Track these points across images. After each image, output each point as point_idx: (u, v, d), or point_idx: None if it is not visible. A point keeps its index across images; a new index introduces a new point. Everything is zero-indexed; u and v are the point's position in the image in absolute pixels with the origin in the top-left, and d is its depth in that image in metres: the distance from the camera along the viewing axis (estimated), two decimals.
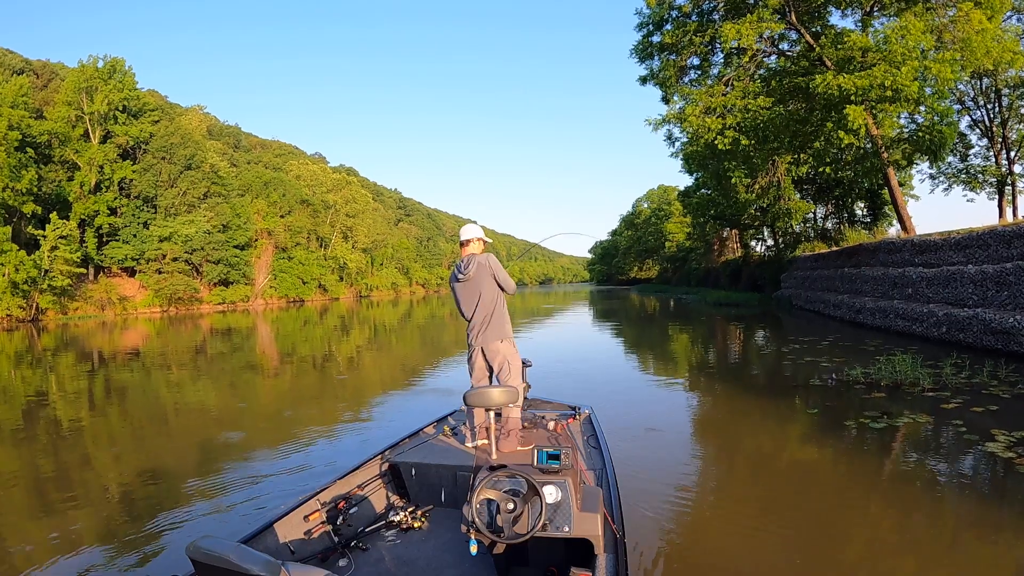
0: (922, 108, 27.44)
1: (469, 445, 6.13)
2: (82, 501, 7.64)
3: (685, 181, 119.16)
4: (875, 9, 28.97)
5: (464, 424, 6.63)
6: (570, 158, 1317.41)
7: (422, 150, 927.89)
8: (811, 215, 53.51)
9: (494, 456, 5.39)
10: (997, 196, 44.24)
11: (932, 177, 47.37)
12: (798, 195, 49.33)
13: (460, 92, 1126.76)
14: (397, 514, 5.38)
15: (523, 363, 6.91)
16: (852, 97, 24.52)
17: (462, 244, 6.75)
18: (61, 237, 65.22)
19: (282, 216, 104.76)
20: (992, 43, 25.47)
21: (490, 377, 6.63)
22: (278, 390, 17.02)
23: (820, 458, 8.06)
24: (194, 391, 16.96)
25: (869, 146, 28.68)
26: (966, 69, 25.14)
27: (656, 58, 34.22)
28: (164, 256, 78.69)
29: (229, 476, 8.35)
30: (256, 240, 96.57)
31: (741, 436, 9.57)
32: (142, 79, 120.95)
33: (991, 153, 44.38)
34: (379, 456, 6.03)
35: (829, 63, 27.32)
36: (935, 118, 26.26)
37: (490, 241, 6.95)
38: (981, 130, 44.04)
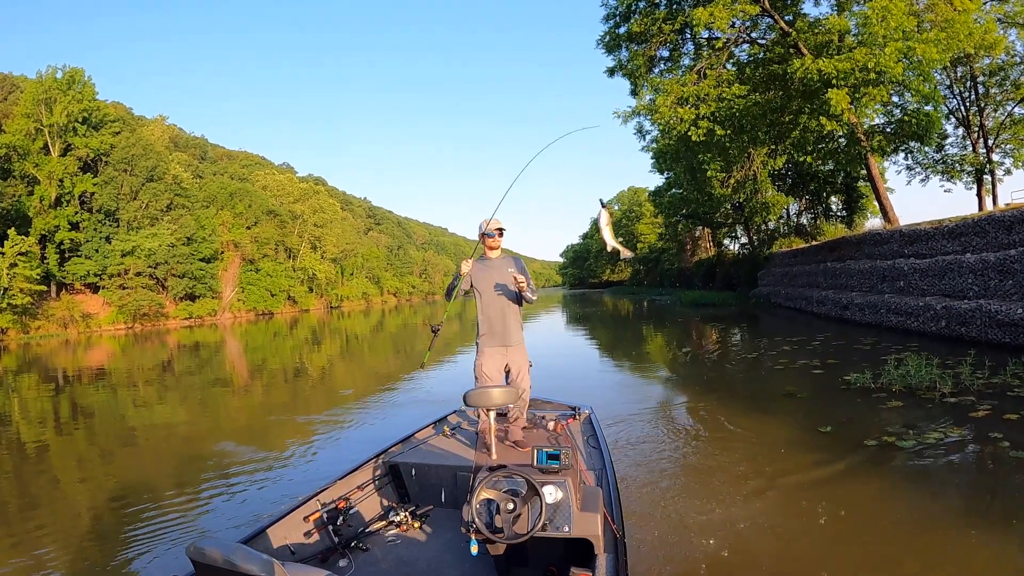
0: (903, 97, 26.72)
1: (468, 445, 6.22)
2: (78, 508, 7.85)
3: (655, 182, 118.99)
4: None
5: (463, 424, 6.90)
6: (549, 160, 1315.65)
7: (392, 159, 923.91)
8: (785, 211, 52.86)
9: (494, 456, 5.30)
10: (976, 185, 43.48)
11: (909, 168, 46.56)
12: (774, 189, 48.69)
13: (431, 99, 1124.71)
14: (397, 514, 5.40)
15: None
16: (833, 81, 23.42)
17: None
18: (20, 254, 62.97)
19: (248, 227, 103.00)
20: (974, 25, 24.66)
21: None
22: (261, 401, 16.73)
23: (841, 487, 6.75)
24: (171, 407, 16.43)
25: (848, 134, 27.67)
26: (949, 50, 24.10)
27: (624, 49, 33.14)
28: (127, 271, 76.27)
29: (226, 481, 8.49)
30: (222, 252, 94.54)
31: (744, 449, 8.31)
32: (110, 92, 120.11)
33: (968, 142, 43.71)
34: (379, 457, 6.01)
35: (805, 49, 26.30)
36: (920, 101, 25.33)
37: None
38: (957, 119, 43.31)
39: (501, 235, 6.40)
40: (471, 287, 6.53)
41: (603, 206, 6.01)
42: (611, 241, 6.11)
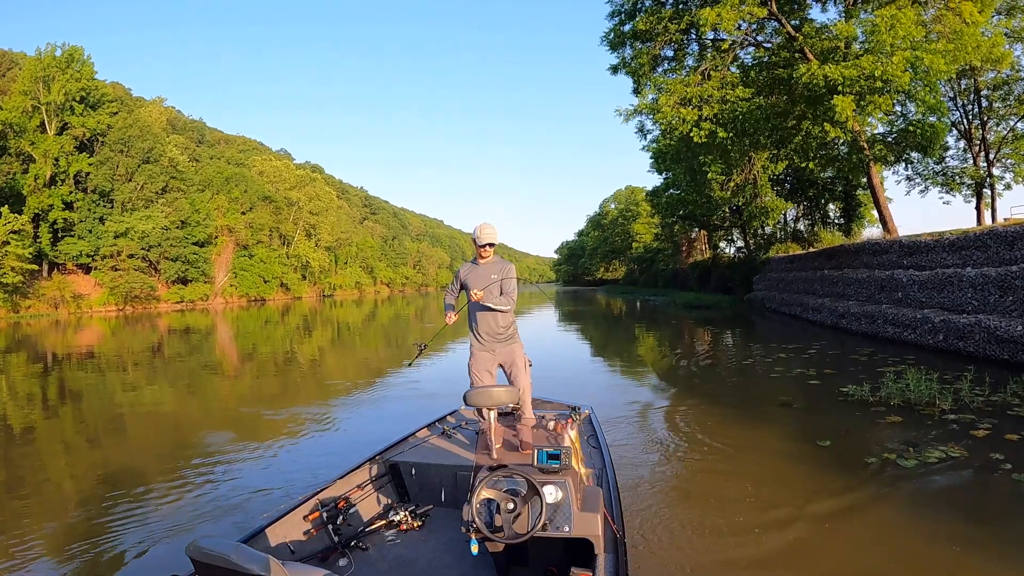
0: (904, 107, 26.60)
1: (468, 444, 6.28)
2: (70, 503, 7.65)
3: (653, 181, 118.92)
4: (859, 0, 27.86)
5: (463, 424, 6.94)
6: (547, 158, 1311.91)
7: (390, 149, 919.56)
8: (782, 216, 52.82)
9: (494, 456, 5.21)
10: (975, 199, 43.44)
11: (908, 179, 46.57)
12: (773, 194, 48.61)
13: (430, 90, 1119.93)
14: (397, 514, 5.41)
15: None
16: (839, 87, 23.23)
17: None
18: (13, 232, 62.78)
19: (243, 213, 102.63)
20: (982, 38, 24.53)
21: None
22: (254, 391, 16.52)
23: (842, 505, 6.51)
24: (162, 394, 16.24)
25: (850, 141, 27.48)
26: (957, 61, 23.97)
27: (628, 46, 32.91)
28: (120, 253, 76.06)
29: (226, 478, 8.29)
30: (216, 237, 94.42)
31: (739, 459, 8.13)
32: (110, 72, 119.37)
33: (968, 155, 43.68)
34: (378, 456, 6.01)
35: (811, 55, 26.12)
36: (925, 112, 25.16)
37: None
38: (959, 132, 43.28)
39: (491, 247, 6.30)
40: (463, 288, 6.51)
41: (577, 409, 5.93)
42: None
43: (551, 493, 4.02)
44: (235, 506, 7.14)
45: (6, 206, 63.70)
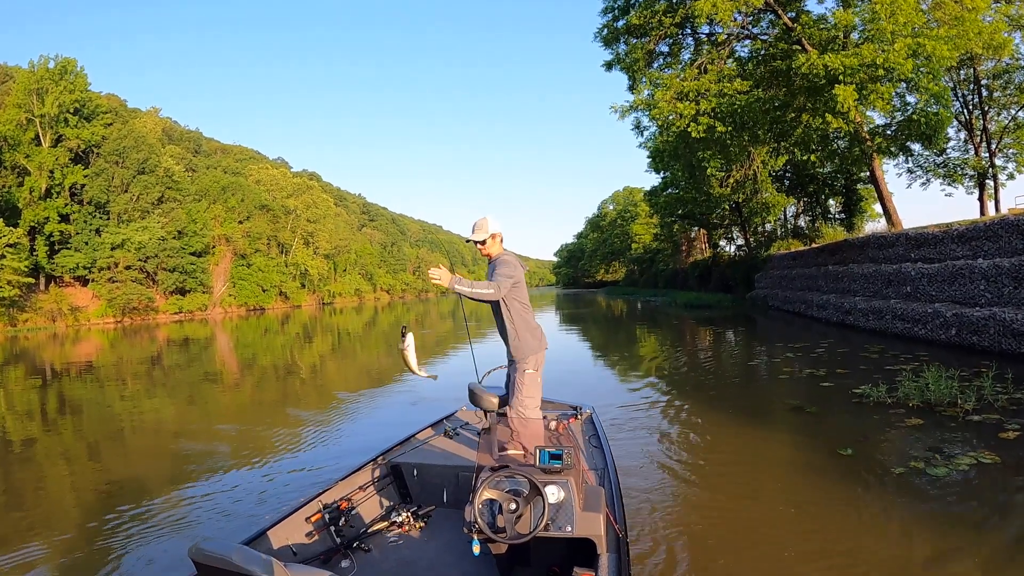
0: (903, 100, 26.20)
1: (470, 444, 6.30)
2: (71, 509, 7.68)
3: (651, 181, 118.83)
4: None
5: (465, 425, 6.94)
6: (547, 160, 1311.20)
7: (388, 155, 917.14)
8: (783, 212, 52.54)
9: (496, 456, 4.95)
10: (978, 190, 42.92)
11: (910, 171, 45.98)
12: (774, 189, 48.23)
13: (430, 96, 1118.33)
14: (399, 515, 5.42)
15: None
16: (840, 77, 22.78)
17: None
18: (9, 245, 62.35)
19: (240, 222, 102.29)
20: (983, 24, 24.09)
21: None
22: (254, 399, 16.50)
23: (873, 521, 5.93)
24: (161, 404, 16.09)
25: (852, 132, 27.03)
26: (959, 48, 23.51)
27: (622, 42, 32.60)
28: (117, 264, 75.82)
29: (229, 481, 8.34)
30: (213, 247, 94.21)
31: (753, 469, 7.62)
32: (106, 84, 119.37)
33: (970, 146, 43.19)
34: (380, 457, 6.02)
35: (809, 46, 25.68)
36: (928, 101, 24.70)
37: None
38: (960, 122, 42.72)
39: (482, 244, 5.85)
40: None
41: (404, 334, 5.59)
42: (414, 366, 5.61)
43: (553, 493, 3.99)
44: (237, 510, 7.12)
45: (1, 220, 63.30)
